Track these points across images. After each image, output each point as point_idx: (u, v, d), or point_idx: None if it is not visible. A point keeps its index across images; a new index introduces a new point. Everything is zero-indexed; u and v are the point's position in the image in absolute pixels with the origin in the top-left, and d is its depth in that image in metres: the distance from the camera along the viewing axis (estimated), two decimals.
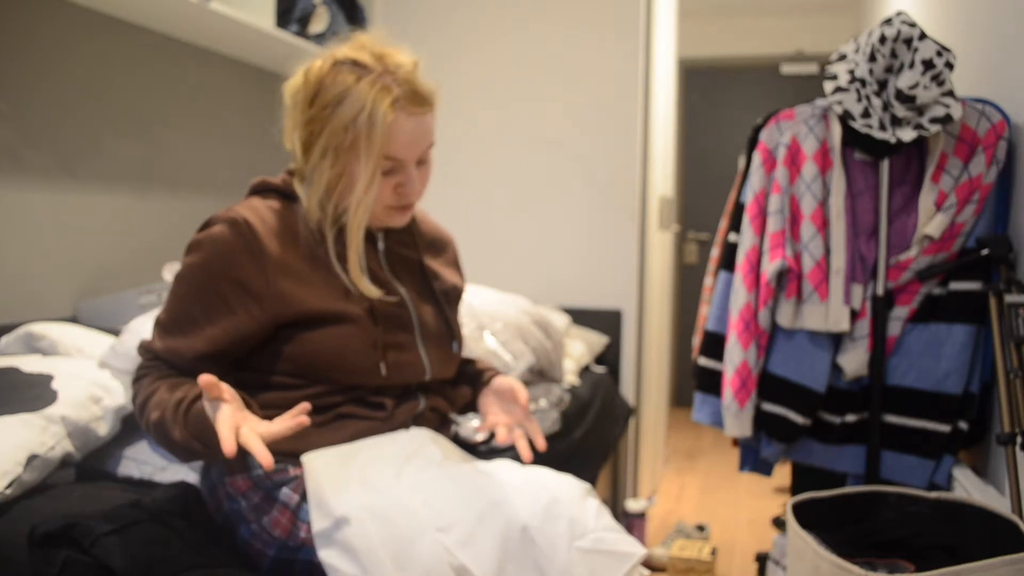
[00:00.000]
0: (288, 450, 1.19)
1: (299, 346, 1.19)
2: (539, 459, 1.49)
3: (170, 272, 1.88)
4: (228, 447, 0.96)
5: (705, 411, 1.93)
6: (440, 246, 1.45)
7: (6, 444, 1.30)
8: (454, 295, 1.42)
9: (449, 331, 1.35)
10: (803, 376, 1.79)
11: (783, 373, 1.81)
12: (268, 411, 1.21)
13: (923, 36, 1.63)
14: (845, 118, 1.71)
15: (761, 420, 1.83)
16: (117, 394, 1.55)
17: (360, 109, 1.15)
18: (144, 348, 1.21)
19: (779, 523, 2.60)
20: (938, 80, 1.62)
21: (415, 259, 1.36)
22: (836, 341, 1.80)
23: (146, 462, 1.55)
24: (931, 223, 1.70)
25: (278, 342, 1.20)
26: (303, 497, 1.16)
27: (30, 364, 1.56)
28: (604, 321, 2.89)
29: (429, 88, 1.22)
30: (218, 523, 1.24)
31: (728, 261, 1.90)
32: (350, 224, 1.20)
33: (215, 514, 1.24)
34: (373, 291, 1.22)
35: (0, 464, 1.27)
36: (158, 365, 1.19)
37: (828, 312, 1.75)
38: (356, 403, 1.23)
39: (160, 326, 1.20)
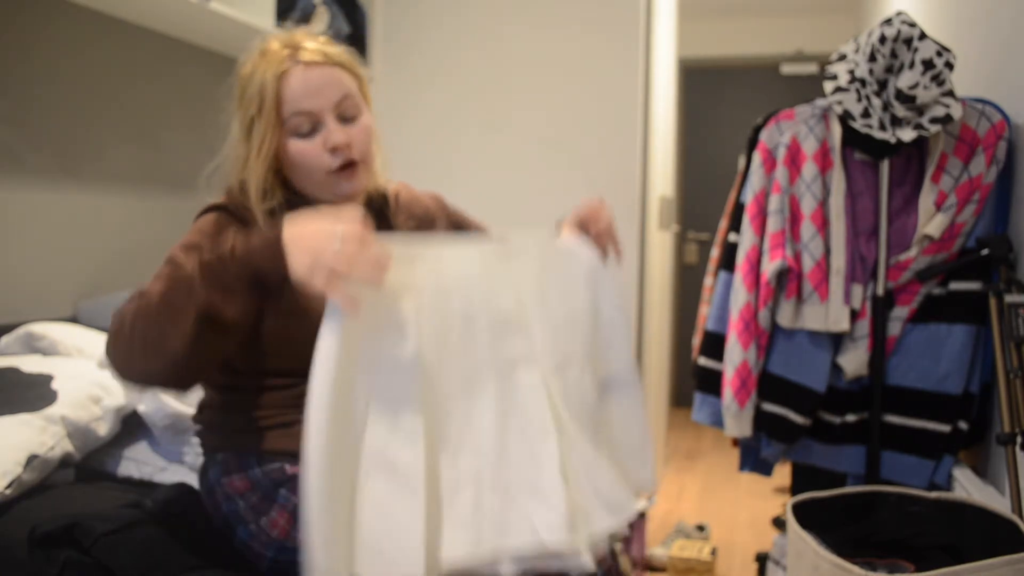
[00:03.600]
0: (285, 449, 1.19)
1: (274, 342, 1.18)
2: None
3: None
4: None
5: (705, 411, 1.93)
6: (429, 215, 1.43)
7: (6, 444, 1.30)
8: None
9: None
10: (803, 376, 1.79)
11: (783, 373, 1.81)
12: (263, 411, 1.21)
13: (923, 36, 1.63)
14: (845, 118, 1.71)
15: (761, 420, 1.83)
16: (117, 394, 1.55)
17: (260, 81, 1.21)
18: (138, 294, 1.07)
19: (779, 523, 2.60)
20: (938, 80, 1.62)
21: None
22: (836, 341, 1.80)
23: (146, 462, 1.55)
24: (931, 223, 1.70)
25: (260, 340, 1.19)
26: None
27: (30, 364, 1.56)
28: None
29: (329, 49, 1.24)
30: (217, 525, 1.24)
31: (728, 261, 1.90)
32: (248, 188, 1.21)
33: (213, 515, 1.24)
34: None
35: (0, 464, 1.27)
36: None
37: (828, 312, 1.75)
38: None
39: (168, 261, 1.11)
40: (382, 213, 1.37)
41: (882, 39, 1.64)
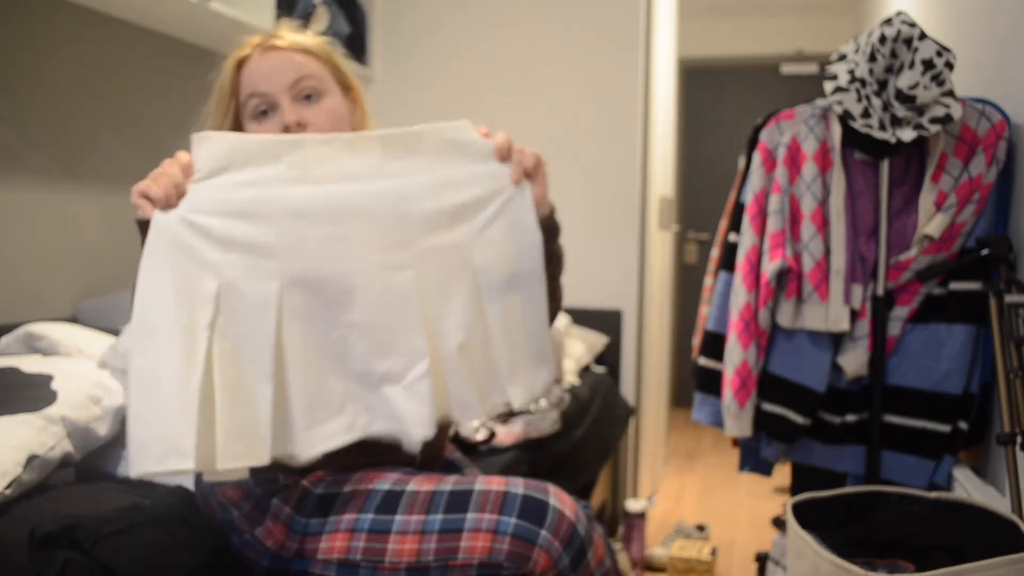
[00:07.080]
0: (278, 459, 1.18)
1: None
2: (540, 460, 1.49)
3: None
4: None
5: (705, 411, 1.93)
6: None
7: (6, 444, 1.30)
8: None
9: None
10: (803, 376, 1.79)
11: (783, 373, 1.81)
12: None
13: (923, 36, 1.63)
14: (845, 118, 1.70)
15: (761, 420, 1.83)
16: (117, 394, 1.55)
17: (223, 69, 1.24)
18: None
19: (779, 523, 2.59)
20: (938, 80, 1.62)
21: None
22: (836, 341, 1.80)
23: None
24: (931, 223, 1.70)
25: None
26: (294, 508, 1.16)
27: (30, 364, 1.56)
28: (604, 321, 2.89)
29: (302, 38, 1.24)
30: (213, 530, 1.23)
31: (728, 261, 1.90)
32: None
33: (210, 522, 1.24)
34: None
35: (0, 464, 1.26)
36: None
37: (828, 312, 1.75)
38: None
39: None
40: None
41: (882, 39, 1.64)
